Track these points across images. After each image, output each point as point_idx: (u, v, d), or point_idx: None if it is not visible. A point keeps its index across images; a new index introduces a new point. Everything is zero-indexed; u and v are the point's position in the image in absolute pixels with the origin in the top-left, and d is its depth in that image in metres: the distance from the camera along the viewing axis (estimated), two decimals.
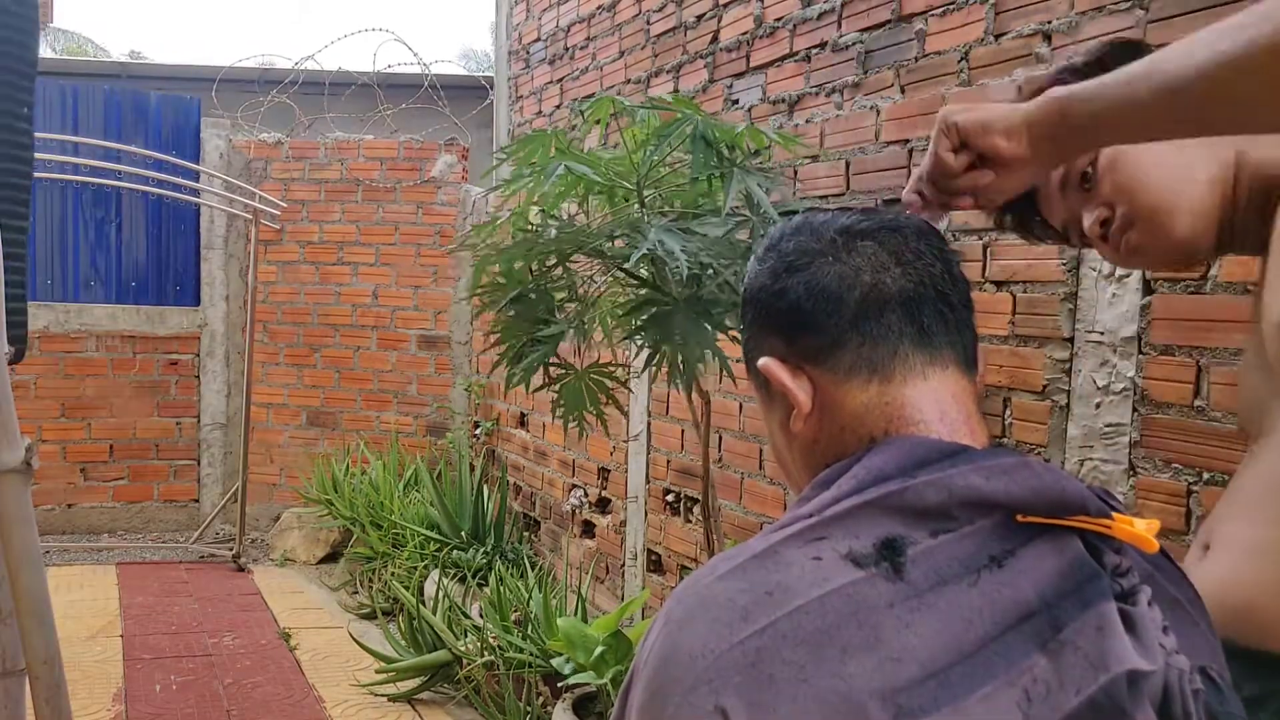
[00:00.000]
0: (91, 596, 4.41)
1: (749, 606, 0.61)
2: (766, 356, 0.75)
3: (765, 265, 0.77)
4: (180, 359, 5.59)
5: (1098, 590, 0.61)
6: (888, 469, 0.65)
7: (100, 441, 5.52)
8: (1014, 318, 2.05)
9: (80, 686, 3.32)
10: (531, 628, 3.13)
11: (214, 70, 6.40)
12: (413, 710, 3.29)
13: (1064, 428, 1.95)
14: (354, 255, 5.55)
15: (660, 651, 0.63)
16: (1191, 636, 0.66)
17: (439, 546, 4.25)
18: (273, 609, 4.32)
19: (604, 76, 3.93)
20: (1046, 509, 0.63)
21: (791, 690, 0.57)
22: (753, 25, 2.97)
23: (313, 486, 5.07)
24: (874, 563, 0.61)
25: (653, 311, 1.89)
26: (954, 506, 0.62)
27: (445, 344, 5.49)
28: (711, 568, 0.65)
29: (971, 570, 0.61)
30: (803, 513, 0.66)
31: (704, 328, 1.82)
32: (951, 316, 0.74)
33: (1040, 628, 0.59)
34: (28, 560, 1.24)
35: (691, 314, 1.83)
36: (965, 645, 0.58)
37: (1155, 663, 0.59)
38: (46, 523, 5.29)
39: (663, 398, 3.40)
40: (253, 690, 3.42)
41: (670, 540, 3.36)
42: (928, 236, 0.77)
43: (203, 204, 5.39)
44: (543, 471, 4.45)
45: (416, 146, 5.51)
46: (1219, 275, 1.69)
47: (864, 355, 0.71)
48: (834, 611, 0.59)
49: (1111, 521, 0.64)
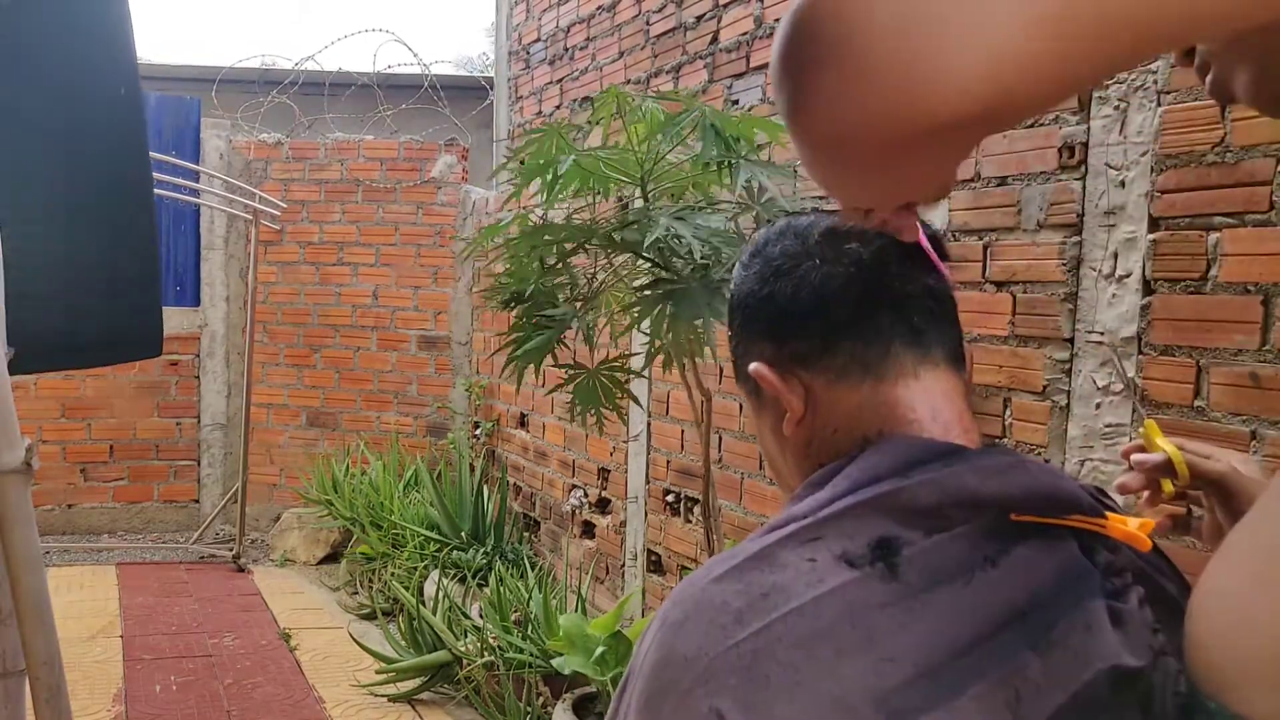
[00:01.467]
0: (91, 597, 4.41)
1: (744, 609, 0.61)
2: (756, 361, 0.75)
3: (751, 270, 0.77)
4: (180, 359, 5.59)
5: (1088, 589, 0.61)
6: (882, 469, 0.65)
7: (100, 442, 5.53)
8: (1014, 318, 2.05)
9: (80, 687, 3.32)
10: (531, 628, 3.13)
11: (214, 71, 6.41)
12: (413, 710, 3.29)
13: (1064, 428, 1.95)
14: (354, 256, 5.55)
15: (656, 654, 0.63)
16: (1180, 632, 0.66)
17: (439, 547, 4.25)
18: (273, 609, 4.32)
19: (604, 77, 3.93)
20: (1040, 508, 0.63)
21: (786, 692, 0.58)
22: (753, 26, 2.97)
23: (313, 487, 5.07)
24: (868, 563, 0.61)
25: (666, 290, 1.92)
26: (948, 506, 0.62)
27: (445, 344, 5.49)
28: (707, 570, 0.65)
29: (966, 570, 0.61)
30: (797, 513, 0.66)
31: (716, 305, 1.85)
32: (939, 313, 0.74)
33: (1032, 627, 0.59)
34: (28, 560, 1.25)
35: (704, 292, 1.86)
36: (958, 645, 0.58)
37: (1143, 660, 0.59)
38: (46, 523, 5.29)
39: (663, 398, 3.40)
40: (253, 691, 3.42)
41: (670, 540, 3.36)
42: None
43: (203, 204, 5.39)
44: (543, 472, 4.45)
45: (416, 147, 5.51)
46: (1219, 275, 1.69)
47: (855, 356, 0.71)
48: (829, 613, 0.59)
49: (1105, 520, 0.64)
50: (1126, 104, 1.83)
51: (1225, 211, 1.68)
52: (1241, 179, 1.65)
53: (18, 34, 1.32)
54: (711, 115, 1.87)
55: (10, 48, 1.32)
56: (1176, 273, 1.75)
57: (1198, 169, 1.72)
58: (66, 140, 1.41)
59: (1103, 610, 0.60)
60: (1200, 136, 1.72)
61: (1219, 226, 1.69)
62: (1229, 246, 1.67)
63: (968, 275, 2.13)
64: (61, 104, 1.39)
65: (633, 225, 1.97)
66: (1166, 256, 1.76)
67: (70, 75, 1.38)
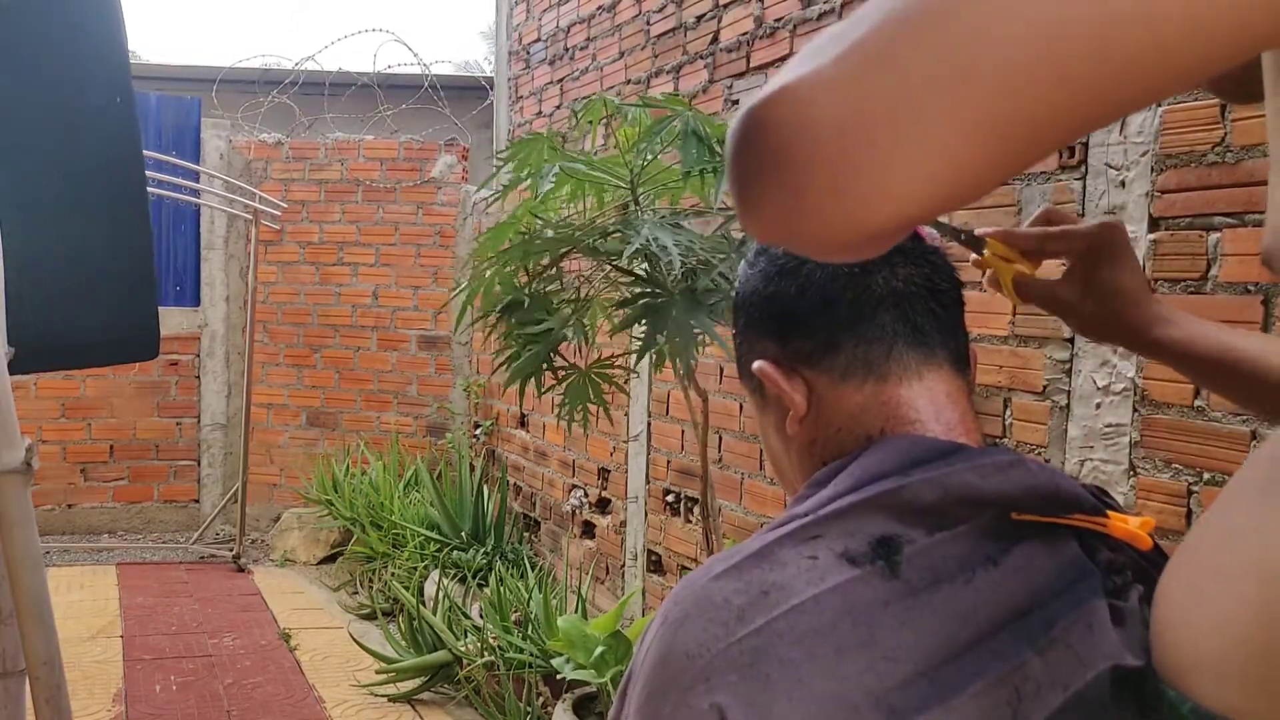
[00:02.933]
0: (91, 597, 4.41)
1: (745, 606, 0.61)
2: (760, 360, 0.76)
3: (756, 269, 0.77)
4: (180, 359, 5.59)
5: (1089, 588, 0.61)
6: (884, 467, 0.65)
7: (100, 442, 5.53)
8: (1014, 318, 2.06)
9: (80, 687, 3.32)
10: (531, 628, 3.13)
11: (214, 71, 6.41)
12: (413, 710, 3.29)
13: (1064, 428, 1.95)
14: (354, 256, 5.56)
15: (657, 651, 0.63)
16: None
17: (439, 547, 4.25)
18: (273, 609, 4.32)
19: (604, 77, 3.93)
20: (1041, 507, 0.63)
21: (787, 690, 0.58)
22: (753, 26, 2.98)
23: (313, 487, 5.07)
24: (869, 561, 0.61)
25: (647, 304, 1.91)
26: (949, 504, 0.63)
27: (445, 344, 5.50)
28: (708, 568, 0.65)
29: (967, 569, 0.61)
30: (799, 511, 0.66)
31: (700, 317, 1.84)
32: (944, 315, 0.74)
33: (1032, 626, 0.59)
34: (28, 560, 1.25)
35: (687, 305, 1.85)
36: (958, 644, 0.58)
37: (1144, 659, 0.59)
38: (46, 523, 5.30)
39: (663, 398, 3.40)
40: (253, 691, 3.42)
41: (670, 540, 3.36)
42: (917, 235, 0.77)
43: (203, 204, 5.39)
44: (543, 472, 4.45)
45: (416, 147, 5.51)
46: (1219, 275, 1.69)
47: (859, 355, 0.71)
48: (829, 610, 0.59)
49: (1106, 519, 0.64)
50: None
51: (1225, 211, 1.68)
52: (1241, 179, 1.65)
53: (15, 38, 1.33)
54: (694, 120, 1.86)
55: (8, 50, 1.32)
56: (1177, 273, 1.75)
57: (1198, 169, 1.72)
58: (63, 143, 1.42)
59: (1104, 609, 0.60)
60: (1200, 136, 1.72)
61: (1219, 226, 1.69)
62: (1229, 246, 1.67)
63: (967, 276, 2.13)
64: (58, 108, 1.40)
65: (615, 234, 1.96)
66: (1167, 256, 1.76)
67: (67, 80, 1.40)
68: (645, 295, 1.93)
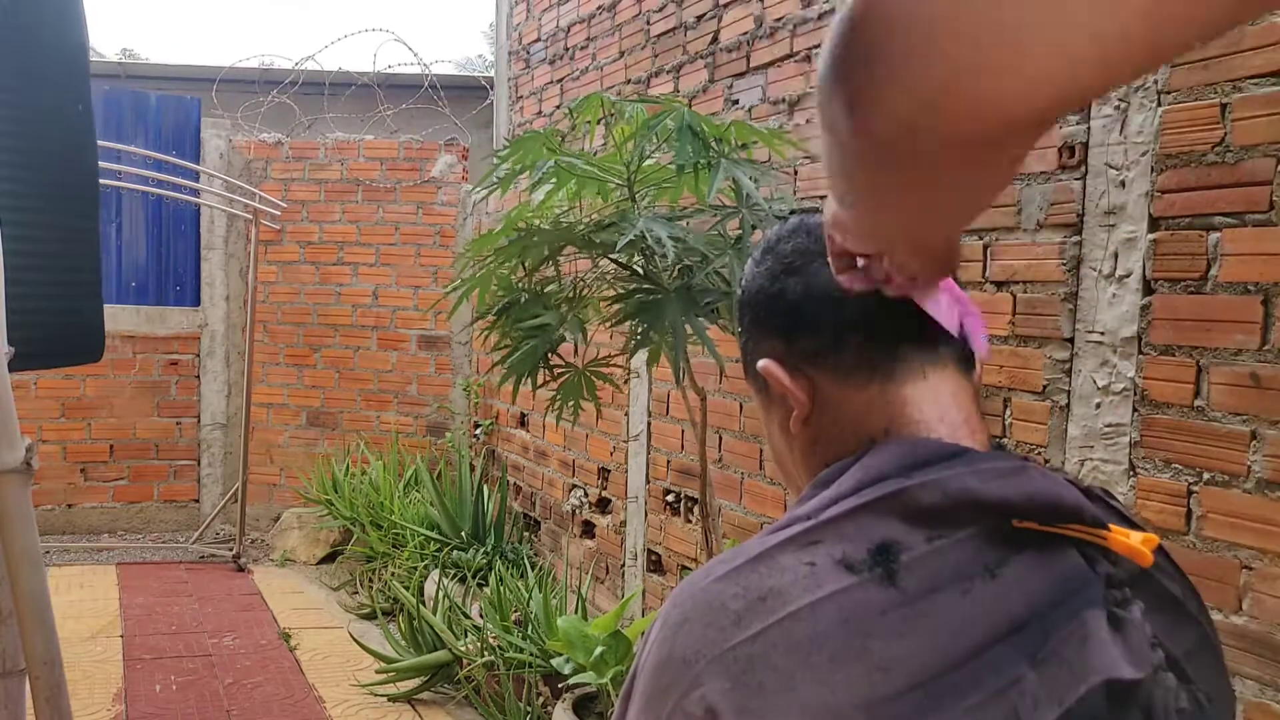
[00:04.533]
0: (91, 596, 4.41)
1: (742, 611, 0.61)
2: (765, 358, 0.75)
3: (763, 267, 0.77)
4: (180, 359, 5.59)
5: (1088, 599, 0.60)
6: (885, 469, 0.65)
7: (100, 441, 5.53)
8: (1014, 318, 2.06)
9: (80, 686, 3.32)
10: (531, 628, 3.13)
11: (214, 70, 6.41)
12: (413, 710, 3.29)
13: (1064, 428, 1.95)
14: (354, 255, 5.55)
15: (656, 654, 0.63)
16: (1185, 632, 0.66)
17: (439, 547, 4.25)
18: (273, 609, 4.32)
19: (604, 77, 3.93)
20: (1041, 515, 0.62)
21: (779, 699, 0.58)
22: (753, 26, 2.97)
23: (313, 486, 5.07)
24: (867, 568, 0.60)
25: (641, 301, 1.91)
26: (949, 508, 0.62)
27: (445, 344, 5.50)
28: (708, 570, 0.65)
29: (965, 578, 0.60)
30: (800, 514, 0.65)
31: (694, 317, 1.84)
32: None
33: (1029, 639, 0.58)
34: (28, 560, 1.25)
35: (681, 303, 1.84)
36: (954, 656, 0.57)
37: (1143, 671, 0.59)
38: (46, 523, 5.30)
39: (663, 398, 3.40)
40: (253, 690, 3.42)
41: (670, 540, 3.36)
42: None
43: (203, 204, 5.39)
44: (543, 471, 4.45)
45: (416, 146, 5.51)
46: (1219, 275, 1.69)
47: (864, 355, 0.71)
48: (825, 619, 0.59)
49: (1107, 533, 0.63)
50: (1127, 104, 1.83)
51: (1225, 211, 1.68)
52: (1241, 179, 1.65)
53: None
54: (689, 117, 1.86)
55: None
56: (1177, 273, 1.75)
57: (1198, 169, 1.72)
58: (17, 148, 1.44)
59: (1101, 621, 0.60)
60: (1200, 136, 1.72)
61: (1219, 226, 1.69)
62: (1229, 246, 1.67)
63: (968, 275, 2.13)
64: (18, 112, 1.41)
65: (610, 228, 1.96)
66: (1167, 256, 1.76)
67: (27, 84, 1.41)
68: (640, 292, 1.93)
